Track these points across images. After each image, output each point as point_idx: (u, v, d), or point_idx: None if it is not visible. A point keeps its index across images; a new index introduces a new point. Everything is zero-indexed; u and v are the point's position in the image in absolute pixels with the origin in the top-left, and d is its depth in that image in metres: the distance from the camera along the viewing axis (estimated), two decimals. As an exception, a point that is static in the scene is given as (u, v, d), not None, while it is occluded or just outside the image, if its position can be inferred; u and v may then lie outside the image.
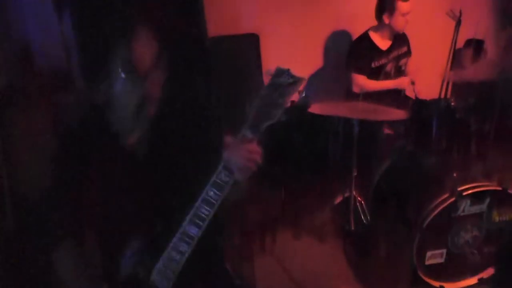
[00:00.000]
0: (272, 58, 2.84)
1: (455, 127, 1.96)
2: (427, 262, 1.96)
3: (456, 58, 3.07)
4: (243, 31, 2.72)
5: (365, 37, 2.61)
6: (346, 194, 2.32)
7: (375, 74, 2.60)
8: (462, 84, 2.90)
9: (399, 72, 2.68)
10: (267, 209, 2.51)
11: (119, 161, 1.11)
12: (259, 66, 2.78)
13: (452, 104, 1.98)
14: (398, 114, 2.00)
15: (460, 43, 3.11)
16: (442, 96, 2.99)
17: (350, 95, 2.67)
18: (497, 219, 1.90)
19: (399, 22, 2.47)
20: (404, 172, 2.12)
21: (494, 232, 1.93)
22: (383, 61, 2.59)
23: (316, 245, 2.40)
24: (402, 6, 2.43)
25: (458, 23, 2.92)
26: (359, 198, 2.24)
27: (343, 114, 2.02)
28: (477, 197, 1.84)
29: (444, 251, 1.96)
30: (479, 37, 3.10)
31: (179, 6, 2.22)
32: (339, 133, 2.25)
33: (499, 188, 1.82)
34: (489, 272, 1.99)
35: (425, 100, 2.18)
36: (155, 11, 1.23)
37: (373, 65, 2.57)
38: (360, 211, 2.23)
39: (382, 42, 2.59)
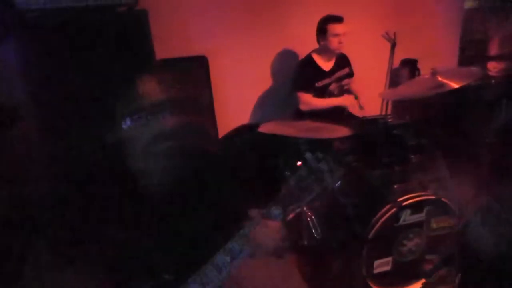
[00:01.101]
0: (222, 80, 2.89)
1: (393, 143, 2.11)
2: (375, 271, 2.07)
3: (393, 77, 3.31)
4: (192, 53, 2.76)
5: (308, 59, 2.74)
6: (298, 210, 2.39)
7: (320, 93, 2.73)
8: (401, 102, 3.12)
9: (343, 91, 2.83)
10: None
11: (136, 202, 1.08)
12: (208, 88, 2.82)
13: (389, 121, 2.12)
14: (342, 131, 2.11)
15: (397, 63, 3.37)
16: (383, 113, 3.20)
17: (298, 113, 2.78)
18: (435, 226, 2.04)
19: (332, 43, 2.62)
20: (351, 187, 2.23)
21: (434, 238, 2.09)
22: (326, 81, 2.73)
23: (271, 262, 2.43)
24: (332, 28, 2.58)
25: (393, 45, 3.17)
26: (309, 213, 2.31)
27: (290, 133, 2.09)
28: (416, 207, 1.97)
29: (390, 259, 2.08)
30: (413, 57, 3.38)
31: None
32: (287, 151, 2.33)
33: (434, 197, 1.97)
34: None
35: (366, 118, 2.33)
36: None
37: (317, 85, 2.70)
38: (312, 226, 2.30)
39: (324, 63, 2.74)
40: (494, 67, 2.78)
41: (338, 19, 2.62)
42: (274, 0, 2.96)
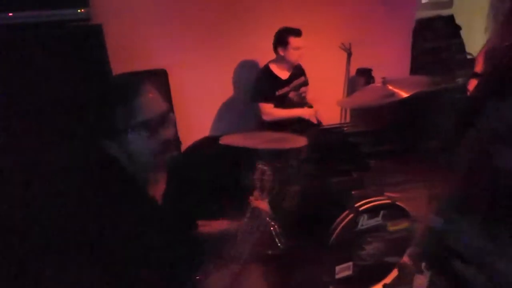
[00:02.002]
0: (182, 93, 2.89)
1: (349, 151, 2.18)
2: (338, 276, 2.12)
3: (351, 86, 3.44)
4: (151, 67, 2.75)
5: (266, 69, 2.80)
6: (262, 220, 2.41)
7: (280, 102, 2.79)
8: (359, 110, 3.23)
9: (301, 99, 2.90)
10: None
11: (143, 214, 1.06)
12: (169, 101, 2.81)
13: (345, 129, 2.20)
14: (301, 141, 2.16)
15: (353, 72, 3.50)
16: (343, 121, 3.31)
17: (260, 123, 2.82)
18: (391, 229, 2.12)
19: (292, 55, 2.69)
20: (311, 195, 2.28)
21: (392, 241, 2.17)
22: (285, 89, 2.79)
23: (237, 273, 2.43)
24: (294, 41, 2.65)
25: (349, 55, 3.30)
26: (272, 223, 2.33)
27: (250, 145, 2.12)
28: (372, 212, 2.05)
29: (351, 263, 2.13)
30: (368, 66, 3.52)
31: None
32: (249, 162, 2.35)
33: (390, 202, 2.05)
34: (390, 278, 2.20)
35: (325, 127, 2.40)
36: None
37: (277, 94, 2.76)
38: (275, 235, 2.32)
39: (281, 73, 2.81)
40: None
41: (298, 33, 2.68)
42: (233, 12, 3.00)
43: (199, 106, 3.01)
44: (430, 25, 4.35)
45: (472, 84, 2.81)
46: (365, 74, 3.36)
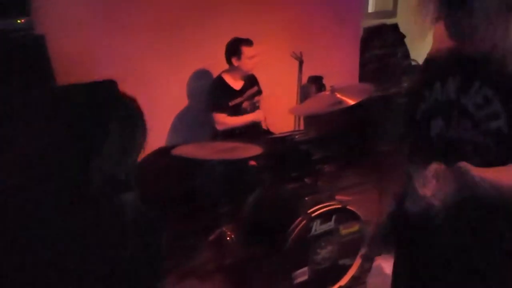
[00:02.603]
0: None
1: (301, 158, 2.23)
2: (295, 282, 2.15)
3: (303, 93, 3.52)
4: (99, 77, 2.66)
5: (219, 79, 2.81)
6: (219, 230, 2.42)
7: (234, 111, 2.80)
8: (311, 117, 3.32)
9: (255, 108, 2.93)
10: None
11: None
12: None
13: (297, 137, 2.25)
14: (255, 150, 2.18)
15: (305, 80, 3.59)
16: (296, 128, 3.38)
17: (215, 133, 2.82)
18: (344, 232, 2.20)
19: (246, 65, 2.72)
20: (266, 203, 2.31)
21: (344, 244, 2.24)
22: (239, 99, 2.81)
23: (199, 284, 2.42)
24: (247, 51, 2.68)
25: (301, 63, 3.38)
26: (229, 233, 2.34)
27: (204, 155, 2.12)
28: (325, 217, 2.11)
29: (307, 268, 2.18)
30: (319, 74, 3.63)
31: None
32: (204, 173, 2.35)
33: (340, 206, 2.12)
34: (345, 280, 2.27)
35: (277, 136, 2.44)
36: None
37: (230, 104, 2.77)
38: (232, 245, 2.33)
39: (235, 82, 2.82)
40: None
41: (250, 42, 2.71)
42: (185, 21, 2.99)
43: (152, 116, 2.94)
44: (376, 34, 4.57)
45: None
46: (316, 82, 3.46)
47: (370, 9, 4.70)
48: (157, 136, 3.07)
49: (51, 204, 1.06)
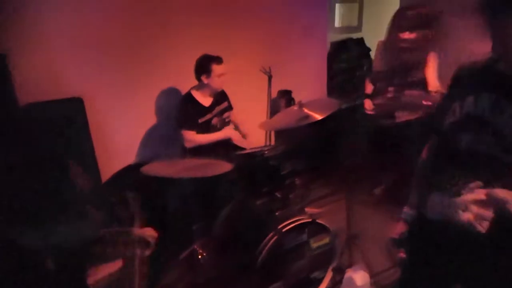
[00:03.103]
0: (101, 121, 2.78)
1: (270, 173, 2.25)
2: (268, 298, 2.15)
3: (273, 107, 3.57)
4: (65, 95, 2.61)
5: (188, 96, 2.80)
6: (190, 248, 2.39)
7: (204, 128, 2.79)
8: (282, 131, 3.35)
9: (225, 124, 2.94)
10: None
11: None
12: (86, 129, 2.68)
13: (266, 152, 2.27)
14: (225, 167, 2.18)
15: (275, 94, 3.64)
16: (268, 142, 3.41)
17: (184, 150, 2.80)
18: (314, 246, 2.22)
19: (216, 82, 2.72)
20: (238, 219, 2.31)
21: (316, 257, 2.26)
22: (208, 116, 2.81)
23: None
24: (217, 69, 2.68)
25: (270, 78, 3.43)
26: (200, 251, 2.32)
27: (173, 173, 2.09)
28: (295, 231, 2.12)
29: (281, 283, 2.18)
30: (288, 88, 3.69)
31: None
32: (174, 191, 2.32)
33: (310, 220, 2.15)
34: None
35: (247, 151, 2.45)
36: None
37: (199, 121, 2.76)
38: (203, 262, 2.31)
39: (204, 99, 2.82)
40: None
41: (220, 60, 2.72)
42: (154, 36, 2.98)
43: (121, 133, 2.92)
44: (343, 48, 4.72)
45: (367, 103, 3.09)
46: (286, 96, 3.51)
47: (337, 24, 4.84)
48: (126, 153, 3.02)
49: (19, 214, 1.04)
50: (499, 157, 1.01)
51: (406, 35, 2.67)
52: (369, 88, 3.13)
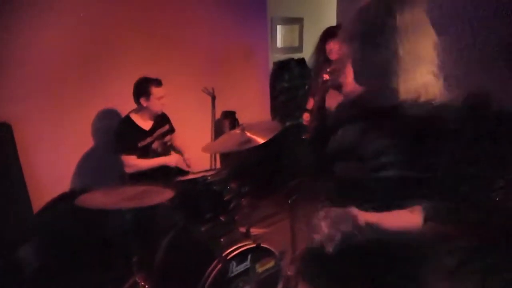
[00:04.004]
0: (32, 147, 2.60)
1: (214, 199, 2.23)
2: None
3: (218, 129, 3.56)
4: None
5: (127, 119, 2.70)
6: (131, 280, 2.27)
7: (144, 153, 2.70)
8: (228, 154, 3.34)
9: (166, 148, 2.86)
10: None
11: None
12: (15, 156, 2.49)
13: (209, 178, 2.24)
14: (167, 194, 2.11)
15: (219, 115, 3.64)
16: (213, 167, 3.38)
17: (123, 175, 2.69)
18: (260, 270, 2.21)
19: (155, 105, 2.65)
20: (180, 247, 2.24)
21: (262, 281, 2.25)
22: (148, 140, 2.72)
23: None
24: (156, 91, 2.62)
25: (213, 98, 3.42)
26: (142, 283, 2.21)
27: (112, 204, 1.99)
28: (240, 257, 2.10)
29: (228, 310, 2.14)
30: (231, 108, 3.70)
31: None
32: (113, 221, 2.21)
33: (255, 245, 2.14)
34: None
35: (190, 177, 2.40)
36: None
37: (139, 145, 2.67)
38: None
39: (143, 123, 2.73)
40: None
41: (159, 82, 2.66)
42: (90, 58, 2.86)
43: (53, 160, 2.74)
44: (285, 67, 4.84)
45: (305, 117, 3.21)
46: (230, 117, 3.52)
47: (279, 44, 4.98)
48: (60, 179, 2.84)
49: None
50: (365, 184, 1.10)
51: (331, 45, 2.91)
52: (310, 103, 3.25)
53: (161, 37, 3.23)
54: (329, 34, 2.96)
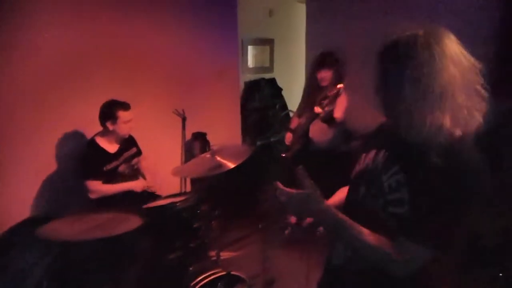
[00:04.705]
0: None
1: (183, 227, 2.18)
2: None
3: (188, 150, 3.52)
4: None
5: (92, 143, 2.62)
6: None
7: (110, 177, 2.62)
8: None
9: (134, 172, 2.79)
10: None
11: None
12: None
13: (178, 204, 2.20)
14: (134, 222, 2.04)
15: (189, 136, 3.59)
16: (183, 190, 3.32)
17: (88, 201, 2.60)
18: (230, 298, 2.18)
19: (122, 129, 2.59)
20: (148, 278, 2.17)
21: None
22: (114, 163, 2.65)
23: None
24: (123, 115, 2.56)
25: (184, 120, 3.39)
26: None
27: (76, 235, 1.90)
28: (211, 286, 2.07)
29: None
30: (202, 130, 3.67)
31: None
32: (76, 252, 2.11)
33: (225, 272, 2.11)
34: None
35: (158, 204, 2.33)
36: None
37: (105, 169, 2.59)
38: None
39: (109, 146, 2.66)
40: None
41: (127, 106, 2.60)
42: (53, 81, 2.77)
43: (15, 181, 2.61)
44: (256, 87, 4.90)
45: (288, 137, 3.23)
46: (200, 138, 3.49)
47: (250, 64, 5.03)
48: (21, 204, 2.70)
49: None
50: (379, 215, 1.06)
51: (323, 73, 2.92)
52: (294, 122, 3.25)
53: (130, 59, 3.18)
54: (320, 62, 2.97)
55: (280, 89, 5.06)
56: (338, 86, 2.62)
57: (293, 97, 4.75)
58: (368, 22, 3.64)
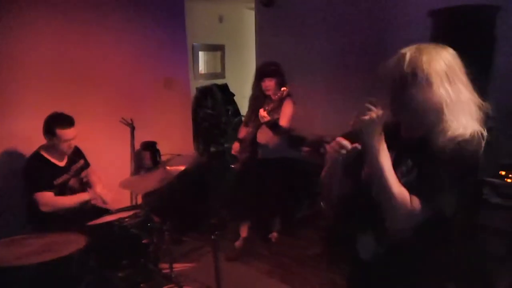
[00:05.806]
0: None
1: (131, 243, 2.12)
2: None
3: (138, 160, 3.41)
4: None
5: (38, 156, 2.48)
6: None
7: (60, 190, 2.50)
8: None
9: (83, 184, 2.67)
10: None
11: None
12: None
13: (126, 220, 2.13)
14: (77, 243, 1.94)
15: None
16: (134, 202, 3.21)
17: (29, 220, 2.45)
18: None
19: (63, 146, 2.47)
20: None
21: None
22: (64, 177, 2.53)
23: None
24: (63, 134, 2.42)
25: (133, 129, 3.29)
26: None
27: (14, 259, 1.78)
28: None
29: None
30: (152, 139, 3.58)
31: None
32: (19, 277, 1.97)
33: (177, 288, 2.08)
34: None
35: (105, 221, 2.23)
36: None
37: (55, 183, 2.47)
38: None
39: (56, 159, 2.54)
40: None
41: (66, 124, 2.44)
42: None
43: None
44: (208, 93, 4.86)
45: (235, 147, 3.22)
46: (150, 148, 3.41)
47: (201, 70, 5.00)
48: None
49: None
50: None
51: (267, 82, 2.96)
52: (242, 132, 3.25)
53: (74, 70, 3.07)
54: (263, 72, 3.00)
55: (233, 95, 5.06)
56: (282, 88, 2.69)
57: (246, 102, 4.76)
58: (317, 36, 3.76)
